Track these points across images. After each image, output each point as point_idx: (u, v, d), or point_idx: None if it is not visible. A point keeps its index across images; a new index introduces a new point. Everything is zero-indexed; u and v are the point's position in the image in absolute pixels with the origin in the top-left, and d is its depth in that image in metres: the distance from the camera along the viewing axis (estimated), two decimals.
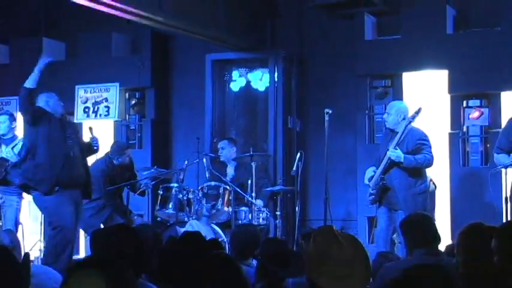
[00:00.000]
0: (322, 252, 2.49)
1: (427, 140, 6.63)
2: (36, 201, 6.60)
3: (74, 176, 6.47)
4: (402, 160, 6.45)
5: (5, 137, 7.69)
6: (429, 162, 6.58)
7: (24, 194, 7.51)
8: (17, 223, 7.57)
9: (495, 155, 6.53)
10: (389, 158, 6.50)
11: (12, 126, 7.78)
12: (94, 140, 6.80)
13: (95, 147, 6.82)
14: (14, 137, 7.72)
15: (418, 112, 6.55)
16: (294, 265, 3.86)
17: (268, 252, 4.21)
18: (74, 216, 6.42)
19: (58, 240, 6.35)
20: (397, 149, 6.46)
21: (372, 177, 6.73)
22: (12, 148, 7.54)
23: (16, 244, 4.82)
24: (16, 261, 2.53)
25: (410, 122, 6.55)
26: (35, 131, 6.49)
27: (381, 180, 6.59)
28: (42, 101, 6.63)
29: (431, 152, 6.58)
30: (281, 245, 4.62)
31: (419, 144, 6.54)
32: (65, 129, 6.58)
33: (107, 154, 7.74)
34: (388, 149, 6.55)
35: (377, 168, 6.75)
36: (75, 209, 6.45)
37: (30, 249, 8.51)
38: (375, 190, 6.65)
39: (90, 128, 6.89)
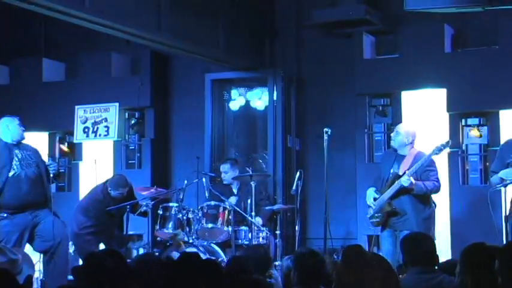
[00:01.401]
0: (353, 272, 2.49)
1: (435, 167, 6.71)
2: None
3: (23, 198, 6.44)
4: (414, 187, 6.50)
5: None
6: (437, 190, 6.71)
7: None
8: None
9: (490, 179, 6.58)
10: (401, 185, 6.53)
11: None
12: (51, 165, 6.75)
13: (51, 173, 6.73)
14: None
15: (445, 145, 6.55)
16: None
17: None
18: (17, 244, 6.32)
19: None
20: (410, 177, 6.49)
21: (375, 198, 6.74)
22: None
23: (17, 257, 4.82)
24: (17, 284, 2.52)
25: (436, 153, 6.56)
26: None
27: (388, 205, 6.61)
28: (3, 125, 6.71)
29: (438, 179, 6.69)
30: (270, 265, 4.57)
31: (427, 171, 6.62)
32: (12, 153, 6.53)
33: (106, 182, 7.69)
34: (394, 173, 6.59)
35: (377, 189, 6.77)
36: (20, 235, 6.38)
37: None
38: (381, 214, 6.67)
39: (49, 155, 6.88)
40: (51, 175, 6.72)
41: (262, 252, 5.54)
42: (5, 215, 6.40)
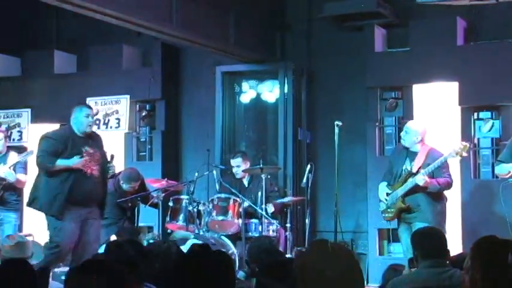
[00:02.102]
0: (313, 268, 2.47)
1: (446, 164, 6.71)
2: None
3: (86, 194, 6.37)
4: (428, 186, 6.52)
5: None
6: (450, 186, 6.74)
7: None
8: None
9: (496, 167, 6.61)
10: (415, 184, 6.54)
11: (6, 144, 7.94)
12: (110, 167, 6.65)
13: (108, 175, 6.67)
14: (6, 154, 7.80)
15: (464, 149, 6.47)
16: (291, 276, 3.84)
17: (264, 264, 4.15)
18: (75, 235, 6.33)
19: (51, 256, 6.32)
20: (425, 176, 6.50)
21: (388, 194, 6.76)
22: (14, 168, 7.64)
23: (26, 240, 4.87)
24: (33, 272, 2.54)
25: (453, 156, 6.52)
26: None
27: (402, 202, 6.64)
28: (72, 115, 6.58)
29: (451, 176, 6.71)
30: (277, 255, 4.56)
31: (439, 168, 6.61)
32: (79, 149, 6.41)
33: (117, 175, 7.71)
34: (408, 170, 6.59)
35: (389, 184, 6.78)
36: (78, 227, 6.35)
37: None
38: (393, 209, 6.69)
39: (112, 156, 6.72)
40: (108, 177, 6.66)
41: (267, 243, 5.54)
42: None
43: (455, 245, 7.05)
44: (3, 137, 7.86)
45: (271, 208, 7.70)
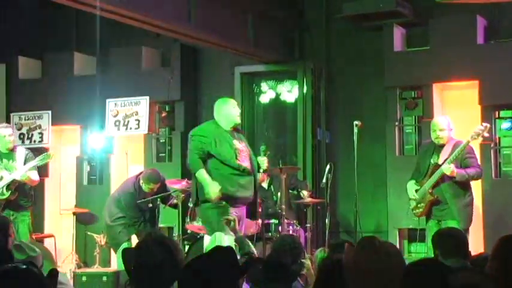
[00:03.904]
0: (362, 265, 2.47)
1: (474, 154, 6.71)
2: (200, 212, 6.44)
3: (242, 193, 6.25)
4: (456, 175, 6.47)
5: (7, 151, 7.37)
6: (479, 176, 6.73)
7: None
8: (31, 236, 7.46)
9: None
10: (442, 173, 6.50)
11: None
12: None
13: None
14: (13, 150, 7.39)
15: (482, 130, 6.50)
16: (284, 279, 3.82)
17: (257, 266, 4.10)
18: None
19: None
20: (451, 165, 6.47)
21: (416, 190, 6.72)
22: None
23: (36, 254, 4.84)
24: (41, 277, 2.53)
25: (474, 138, 6.54)
26: None
27: (430, 194, 6.59)
28: (217, 109, 6.49)
29: (479, 166, 6.70)
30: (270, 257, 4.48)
31: (467, 158, 6.62)
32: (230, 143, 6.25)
33: (138, 176, 7.73)
34: (436, 163, 6.58)
35: (416, 181, 6.73)
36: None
37: (63, 261, 8.60)
38: (423, 203, 6.64)
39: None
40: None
41: (289, 241, 5.47)
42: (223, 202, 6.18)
43: (477, 244, 7.01)
44: (12, 132, 7.60)
45: (305, 193, 7.69)
